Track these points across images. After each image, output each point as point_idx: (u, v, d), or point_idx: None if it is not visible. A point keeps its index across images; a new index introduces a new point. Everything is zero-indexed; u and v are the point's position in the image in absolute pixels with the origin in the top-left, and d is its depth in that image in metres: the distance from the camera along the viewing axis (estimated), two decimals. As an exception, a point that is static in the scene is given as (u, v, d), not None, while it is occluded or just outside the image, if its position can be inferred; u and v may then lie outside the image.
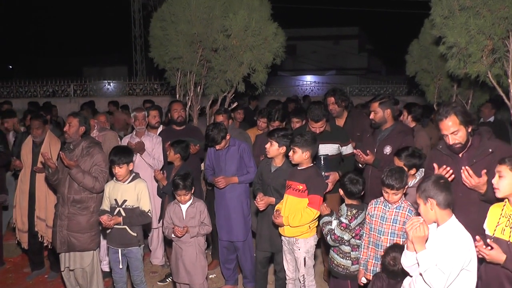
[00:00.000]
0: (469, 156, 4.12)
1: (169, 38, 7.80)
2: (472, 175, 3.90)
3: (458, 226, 3.34)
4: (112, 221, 5.13)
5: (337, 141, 6.06)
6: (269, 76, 7.90)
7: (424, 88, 8.72)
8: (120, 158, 5.18)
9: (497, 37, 5.33)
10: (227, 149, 5.92)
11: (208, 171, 6.13)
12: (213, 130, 5.79)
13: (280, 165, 5.35)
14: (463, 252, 3.22)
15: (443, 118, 4.05)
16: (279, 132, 5.36)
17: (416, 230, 3.25)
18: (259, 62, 7.51)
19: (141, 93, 17.84)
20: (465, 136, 4.05)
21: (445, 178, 3.47)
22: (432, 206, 3.33)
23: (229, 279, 6.25)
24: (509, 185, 3.49)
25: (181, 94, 8.31)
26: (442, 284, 3.19)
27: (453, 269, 3.19)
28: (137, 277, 5.43)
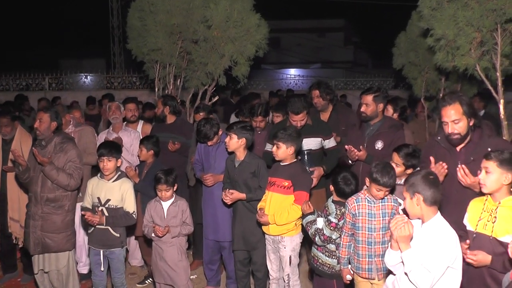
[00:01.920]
0: (467, 152, 4.06)
1: (147, 28, 7.66)
2: (468, 174, 3.86)
3: (443, 224, 3.27)
4: (97, 217, 4.96)
5: (320, 134, 5.95)
6: (252, 69, 7.80)
7: (412, 82, 8.70)
8: (110, 151, 5.04)
9: (486, 29, 5.30)
10: (217, 146, 5.76)
11: (196, 166, 5.97)
12: (205, 125, 5.63)
13: (243, 158, 5.23)
14: (449, 250, 3.15)
15: (447, 105, 4.00)
16: (238, 124, 5.28)
17: (401, 230, 3.16)
18: (241, 54, 7.41)
19: (119, 87, 17.66)
20: (465, 128, 4.00)
21: (434, 174, 3.38)
22: (418, 202, 3.27)
23: (211, 280, 6.09)
24: (496, 182, 3.46)
25: (160, 87, 8.17)
26: (428, 283, 3.12)
27: (439, 268, 3.13)
28: (118, 279, 5.27)
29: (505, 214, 3.45)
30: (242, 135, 5.15)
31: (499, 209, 3.49)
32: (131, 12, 8.13)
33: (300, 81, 21.08)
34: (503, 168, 3.43)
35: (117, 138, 6.40)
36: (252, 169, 5.17)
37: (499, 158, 3.46)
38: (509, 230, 3.40)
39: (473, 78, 5.86)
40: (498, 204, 3.50)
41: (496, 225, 3.47)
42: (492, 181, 3.47)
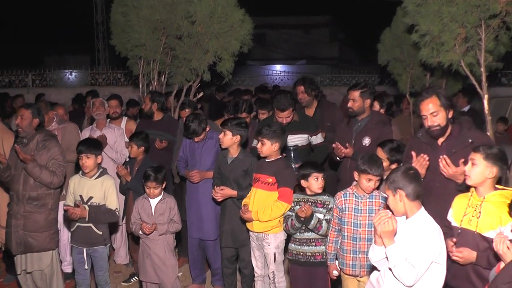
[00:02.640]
0: (448, 146, 4.12)
1: (131, 24, 7.57)
2: (450, 164, 3.92)
3: (427, 218, 3.30)
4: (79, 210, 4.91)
5: (306, 131, 5.94)
6: (237, 65, 7.75)
7: (397, 78, 8.70)
8: (89, 147, 5.00)
9: (470, 25, 5.30)
10: (203, 142, 5.72)
11: (180, 163, 5.93)
12: (193, 121, 5.57)
13: (236, 155, 5.20)
14: (433, 244, 3.19)
15: (424, 99, 4.08)
16: (232, 121, 5.23)
17: (384, 225, 3.17)
18: (225, 50, 7.34)
19: (104, 83, 17.46)
20: (444, 120, 4.06)
21: (414, 169, 3.43)
22: (401, 198, 3.29)
23: (196, 278, 6.07)
24: (480, 174, 3.50)
25: (144, 83, 8.08)
26: (413, 278, 3.14)
27: (423, 263, 3.15)
28: (102, 277, 5.23)
29: (489, 209, 3.48)
30: (237, 132, 5.12)
31: (483, 204, 3.52)
32: (115, 8, 8.04)
33: (286, 77, 21.01)
34: (489, 161, 3.47)
35: (101, 136, 6.32)
36: (244, 167, 5.14)
37: (487, 151, 3.50)
38: (493, 225, 3.43)
39: (457, 73, 5.88)
40: (483, 199, 3.53)
41: (480, 220, 3.50)
42: (477, 173, 3.51)
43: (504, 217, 3.38)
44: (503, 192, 3.52)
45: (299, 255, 4.73)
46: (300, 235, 4.71)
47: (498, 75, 15.13)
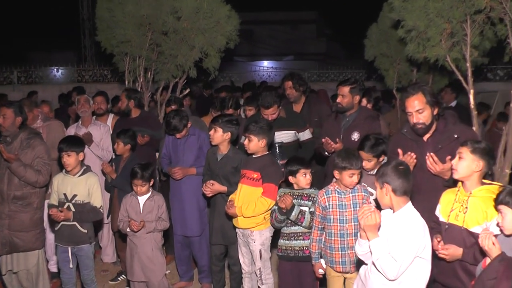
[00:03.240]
0: (434, 141, 4.14)
1: (116, 20, 7.49)
2: (437, 161, 3.96)
3: (412, 213, 3.31)
4: (62, 214, 4.84)
5: (293, 127, 5.92)
6: (225, 62, 7.72)
7: (383, 73, 8.70)
8: (69, 145, 4.91)
9: (456, 20, 5.29)
10: (186, 138, 5.71)
11: (163, 160, 5.90)
12: (174, 117, 5.56)
13: (226, 152, 5.19)
14: (416, 239, 3.19)
15: (410, 95, 4.10)
16: (223, 117, 5.21)
17: (368, 219, 3.19)
18: (212, 46, 7.31)
19: (90, 80, 17.33)
20: (430, 117, 4.09)
21: (405, 164, 3.41)
22: (387, 192, 3.30)
23: (183, 276, 6.06)
24: (467, 167, 3.53)
25: (131, 80, 7.99)
26: (395, 272, 3.16)
27: (406, 257, 3.16)
28: (88, 276, 5.18)
29: (476, 204, 3.50)
30: (228, 129, 5.09)
31: (470, 199, 3.54)
32: (100, 3, 7.93)
33: (273, 73, 21.03)
34: (476, 155, 3.50)
35: (86, 133, 6.26)
36: (234, 164, 5.12)
37: (474, 145, 3.53)
38: (480, 220, 3.45)
39: (444, 69, 5.88)
40: (470, 195, 3.55)
41: (467, 215, 3.52)
42: (464, 166, 3.53)
43: (490, 212, 3.40)
44: (489, 187, 3.53)
45: (288, 250, 4.74)
46: (288, 229, 4.72)
47: (484, 70, 15.21)
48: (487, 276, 2.99)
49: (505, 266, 2.92)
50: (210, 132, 5.16)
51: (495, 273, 2.94)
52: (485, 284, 2.99)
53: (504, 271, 2.91)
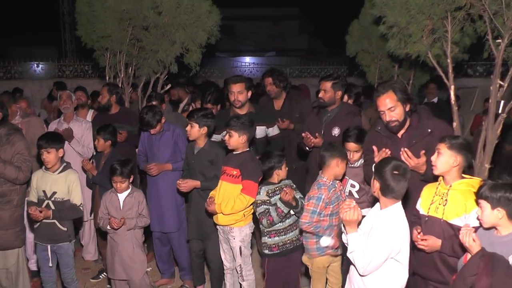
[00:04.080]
0: (408, 137, 4.19)
1: (96, 14, 7.39)
2: (411, 156, 3.97)
3: (397, 214, 3.34)
4: (42, 214, 4.77)
5: (264, 122, 5.90)
6: (207, 57, 7.68)
7: (365, 69, 8.73)
8: (48, 142, 4.84)
9: (437, 17, 5.32)
10: (161, 134, 5.67)
11: (140, 157, 5.86)
12: (147, 113, 5.52)
13: (203, 145, 5.18)
14: (392, 241, 3.25)
15: (381, 94, 4.15)
16: (198, 112, 5.20)
17: (347, 214, 3.24)
18: (193, 41, 7.27)
19: (71, 75, 17.09)
20: (402, 114, 4.13)
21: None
22: (376, 189, 3.37)
23: (164, 272, 6.05)
24: (445, 163, 3.60)
25: (111, 75, 7.92)
26: (363, 267, 3.25)
27: (377, 256, 3.23)
28: (68, 274, 5.12)
29: (455, 197, 3.58)
30: (204, 123, 5.09)
31: (449, 192, 3.62)
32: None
33: (255, 69, 20.94)
34: (453, 150, 3.57)
35: (67, 129, 6.18)
36: (210, 157, 5.11)
37: (451, 141, 3.60)
38: (459, 213, 3.54)
39: (425, 65, 5.90)
40: (449, 187, 3.63)
41: (446, 208, 3.60)
42: (442, 162, 3.61)
43: (469, 205, 3.48)
44: (469, 181, 3.62)
45: (287, 244, 4.75)
46: (283, 224, 4.72)
47: (465, 66, 15.35)
48: (468, 272, 3.01)
49: (485, 262, 2.95)
50: (187, 128, 5.15)
51: (476, 269, 2.96)
52: (466, 280, 3.00)
53: (484, 267, 2.93)
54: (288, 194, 4.53)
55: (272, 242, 4.75)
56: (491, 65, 5.41)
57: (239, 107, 5.73)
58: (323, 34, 35.37)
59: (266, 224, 4.66)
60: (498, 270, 2.90)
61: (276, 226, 4.71)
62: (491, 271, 2.91)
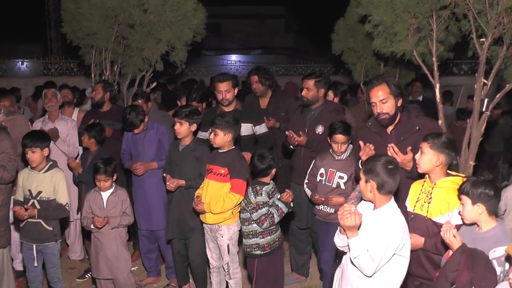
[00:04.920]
0: (397, 134, 4.20)
1: (82, 12, 7.32)
2: (398, 152, 3.98)
3: (394, 212, 3.31)
4: (27, 213, 4.72)
5: (250, 120, 5.89)
6: (193, 55, 7.64)
7: (351, 67, 8.75)
8: (33, 141, 4.79)
9: (422, 16, 5.35)
10: (145, 133, 5.64)
11: (124, 156, 5.82)
12: (130, 113, 5.49)
13: (188, 143, 5.16)
14: (395, 239, 3.20)
15: (374, 86, 4.16)
16: (185, 110, 5.15)
17: (347, 219, 3.15)
18: (179, 39, 7.21)
19: (56, 73, 16.93)
20: (393, 107, 4.14)
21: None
22: (372, 189, 3.30)
23: (151, 271, 6.03)
24: (428, 162, 3.64)
25: (97, 73, 7.85)
26: (372, 270, 3.18)
27: (384, 256, 3.18)
28: (54, 274, 5.08)
29: (439, 195, 3.63)
30: (193, 120, 5.08)
31: (434, 190, 3.67)
32: (65, -6, 7.78)
33: (241, 67, 20.98)
34: (435, 150, 3.60)
35: (52, 129, 6.11)
36: (196, 154, 5.09)
37: (433, 141, 3.63)
38: (442, 210, 3.59)
39: (410, 63, 5.95)
40: (434, 185, 3.68)
41: (431, 205, 3.65)
42: (425, 161, 3.65)
43: (452, 203, 3.53)
44: (454, 178, 3.64)
45: (276, 242, 4.76)
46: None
47: (450, 64, 15.46)
48: (450, 268, 3.05)
49: (466, 258, 2.99)
50: (176, 126, 5.11)
51: (457, 265, 3.01)
52: (447, 275, 3.05)
53: (465, 263, 2.98)
54: (289, 195, 4.58)
55: (265, 242, 4.72)
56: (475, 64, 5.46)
57: (227, 105, 5.73)
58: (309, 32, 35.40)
59: (267, 225, 4.62)
60: (477, 265, 2.95)
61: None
62: (471, 266, 2.95)
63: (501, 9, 4.80)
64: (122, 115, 5.57)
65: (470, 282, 2.94)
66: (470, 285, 2.94)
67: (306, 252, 5.89)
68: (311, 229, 5.58)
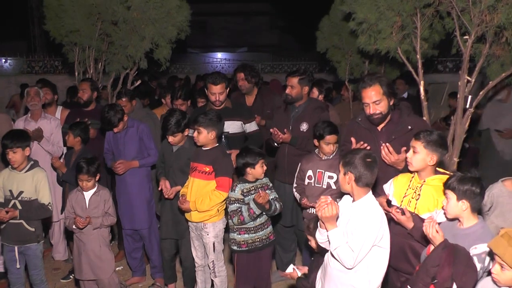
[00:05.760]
0: (388, 131, 4.20)
1: (64, 8, 7.25)
2: (392, 152, 4.00)
3: (371, 204, 3.32)
4: (7, 215, 4.66)
5: (240, 118, 5.88)
6: (178, 53, 7.61)
7: (336, 65, 8.73)
8: (13, 141, 4.72)
9: (406, 13, 5.36)
10: (125, 131, 5.60)
11: (107, 155, 5.79)
12: (109, 112, 5.44)
13: (182, 143, 5.12)
14: (374, 230, 3.21)
15: (367, 86, 4.12)
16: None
17: (325, 210, 3.17)
18: (162, 36, 7.16)
19: (40, 71, 16.77)
20: (386, 107, 4.14)
21: (373, 157, 3.39)
22: (350, 180, 3.31)
23: (136, 270, 5.99)
24: (421, 161, 3.64)
25: (81, 71, 7.79)
26: (352, 261, 3.19)
27: (363, 247, 3.19)
28: (37, 276, 5.02)
29: (428, 192, 3.66)
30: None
31: (423, 187, 3.70)
32: (47, -10, 7.69)
33: (227, 64, 20.92)
34: (429, 149, 3.61)
35: (36, 129, 6.04)
36: (189, 155, 5.06)
37: (427, 139, 3.63)
38: (430, 208, 3.62)
39: (395, 60, 5.96)
40: (423, 182, 3.70)
41: (419, 202, 3.68)
42: (418, 160, 3.66)
43: (440, 201, 3.50)
44: (442, 176, 3.66)
45: (256, 242, 4.75)
46: (254, 223, 4.71)
47: (434, 62, 15.55)
48: (431, 263, 3.07)
49: (447, 253, 3.02)
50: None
51: (438, 260, 3.03)
52: (429, 270, 3.07)
53: (446, 258, 3.01)
54: (262, 197, 4.53)
55: (241, 239, 4.75)
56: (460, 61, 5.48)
57: (219, 106, 5.71)
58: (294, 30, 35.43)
59: (236, 222, 4.65)
60: (459, 261, 2.98)
61: (249, 224, 4.71)
62: (453, 262, 2.98)
63: (484, 7, 4.82)
64: (101, 114, 5.53)
65: (451, 278, 2.97)
66: (451, 280, 2.97)
67: (291, 250, 5.89)
68: (296, 226, 5.57)
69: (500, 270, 2.76)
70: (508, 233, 2.74)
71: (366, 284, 3.30)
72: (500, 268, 2.76)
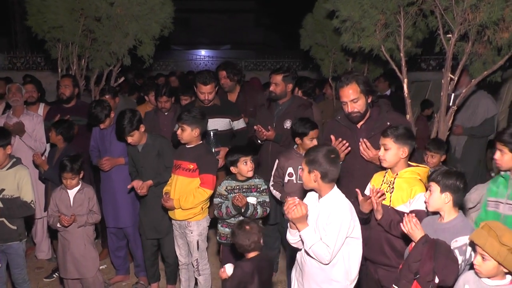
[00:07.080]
0: (367, 128, 4.22)
1: (47, 4, 7.16)
2: (370, 148, 4.06)
3: (338, 197, 3.40)
4: None
5: (228, 115, 5.91)
6: (162, 50, 7.57)
7: (319, 62, 8.75)
8: None
9: (389, 12, 5.41)
10: (111, 128, 5.53)
11: (93, 152, 5.75)
12: (96, 107, 5.42)
13: (145, 141, 5.11)
14: (345, 222, 3.28)
15: (344, 85, 4.12)
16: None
17: (294, 212, 3.22)
18: (146, 33, 7.16)
19: (22, 67, 16.56)
20: (364, 105, 4.16)
21: (336, 152, 3.45)
22: (316, 178, 3.35)
23: (120, 269, 5.96)
24: (394, 156, 3.73)
25: (64, 67, 7.71)
26: (328, 256, 3.25)
27: (338, 240, 3.25)
28: (19, 275, 4.93)
29: (400, 184, 3.74)
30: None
31: (396, 180, 3.77)
32: (29, -15, 7.60)
33: (210, 62, 20.86)
34: (399, 143, 3.70)
35: (17, 123, 5.98)
36: (155, 150, 5.05)
37: (395, 134, 3.72)
38: (404, 199, 3.70)
39: (378, 58, 6.00)
40: (396, 176, 3.78)
41: (393, 195, 3.75)
42: (391, 155, 3.73)
43: (413, 190, 3.65)
44: (414, 169, 3.78)
45: None
46: (234, 220, 4.69)
47: (418, 60, 15.63)
48: (413, 258, 3.10)
49: (428, 248, 3.05)
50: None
51: (420, 255, 3.06)
52: (411, 266, 3.10)
53: (427, 252, 3.04)
54: (238, 200, 4.53)
55: (222, 231, 4.81)
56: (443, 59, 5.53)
57: (208, 104, 5.71)
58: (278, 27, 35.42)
59: (216, 215, 4.71)
60: (440, 255, 3.02)
61: (229, 220, 4.73)
62: (434, 256, 3.02)
63: (467, 6, 4.88)
64: (88, 109, 5.50)
65: (433, 271, 3.00)
66: (433, 274, 3.01)
67: (275, 247, 5.90)
68: (279, 224, 5.57)
69: (482, 261, 2.82)
70: (488, 224, 2.84)
71: (345, 276, 3.37)
72: (481, 259, 2.82)
